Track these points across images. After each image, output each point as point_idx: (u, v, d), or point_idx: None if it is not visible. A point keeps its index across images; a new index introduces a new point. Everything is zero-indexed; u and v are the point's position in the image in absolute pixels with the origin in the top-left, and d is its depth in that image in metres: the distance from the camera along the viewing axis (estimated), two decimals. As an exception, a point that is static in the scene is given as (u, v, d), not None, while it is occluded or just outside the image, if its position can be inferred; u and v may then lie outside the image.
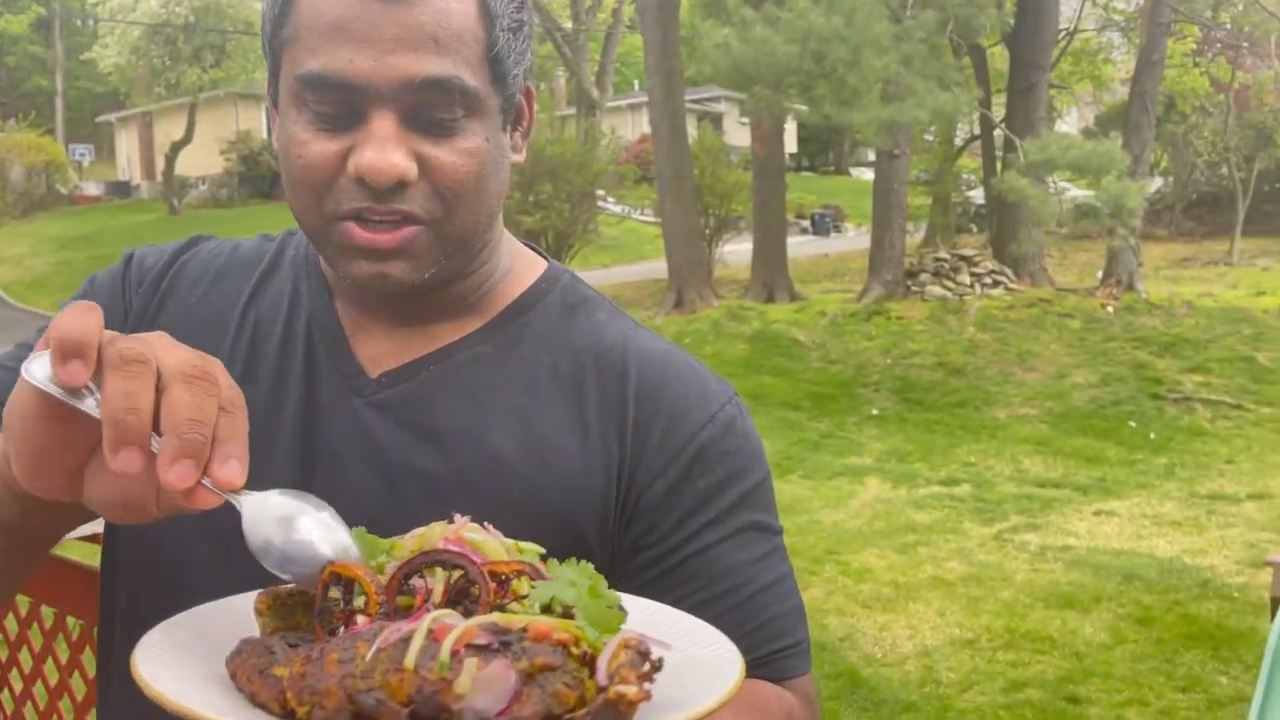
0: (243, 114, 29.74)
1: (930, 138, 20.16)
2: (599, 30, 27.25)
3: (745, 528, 0.82)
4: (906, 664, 5.10)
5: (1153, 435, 10.45)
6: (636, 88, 36.42)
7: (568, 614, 0.54)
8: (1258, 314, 12.99)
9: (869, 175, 22.74)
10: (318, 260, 0.88)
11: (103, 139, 36.17)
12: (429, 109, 0.74)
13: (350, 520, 0.72)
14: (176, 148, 26.85)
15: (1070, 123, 29.11)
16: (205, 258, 0.91)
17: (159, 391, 0.54)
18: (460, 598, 0.55)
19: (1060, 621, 5.65)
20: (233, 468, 0.54)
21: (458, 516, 0.62)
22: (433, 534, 0.59)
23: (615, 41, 27.57)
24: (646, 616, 0.62)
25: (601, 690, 0.50)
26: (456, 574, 0.55)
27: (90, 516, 0.65)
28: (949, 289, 14.13)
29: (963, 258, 14.60)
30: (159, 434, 0.53)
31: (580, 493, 0.80)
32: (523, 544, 0.62)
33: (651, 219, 24.65)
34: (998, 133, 15.09)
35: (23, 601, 2.13)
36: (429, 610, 0.53)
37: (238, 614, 0.62)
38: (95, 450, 0.56)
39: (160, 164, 28.86)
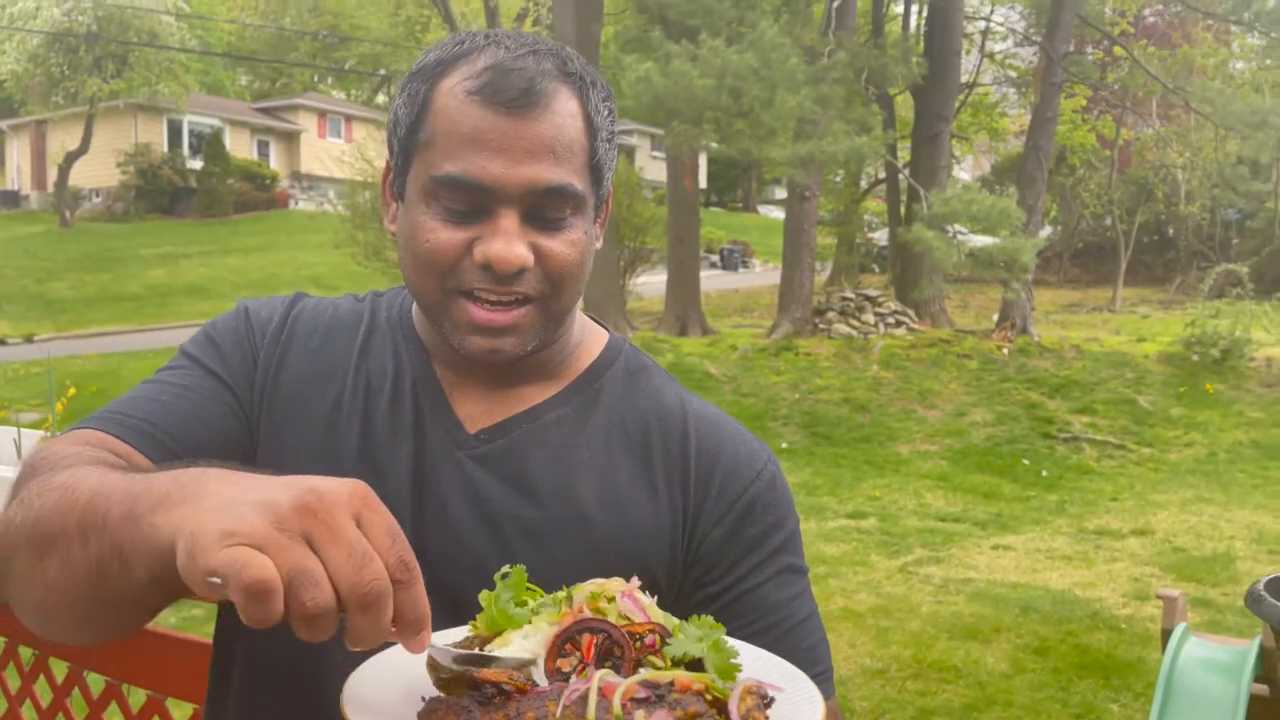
0: (143, 126, 28.86)
1: (838, 180, 20.82)
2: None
3: (784, 570, 0.94)
4: (820, 693, 5.26)
5: (1044, 473, 10.96)
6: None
7: (696, 665, 0.64)
8: (1139, 359, 13.76)
9: (776, 213, 23.36)
10: (412, 324, 0.97)
11: (-10, 146, 34.63)
12: (545, 209, 0.85)
13: (456, 559, 0.80)
14: (71, 158, 25.90)
15: (966, 170, 30.39)
16: (312, 314, 0.99)
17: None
18: (606, 656, 0.64)
19: (964, 652, 5.88)
20: (424, 639, 0.62)
21: (635, 581, 0.71)
22: (611, 586, 0.69)
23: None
24: (750, 661, 0.72)
25: None
26: (601, 636, 0.65)
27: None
28: (854, 327, 14.59)
29: (867, 298, 15.09)
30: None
31: (651, 539, 0.91)
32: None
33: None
34: (901, 177, 15.72)
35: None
36: (590, 669, 0.62)
37: (406, 669, 0.69)
38: None
39: (53, 174, 27.78)
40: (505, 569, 0.70)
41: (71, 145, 26.31)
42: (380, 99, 41.54)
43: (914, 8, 18.50)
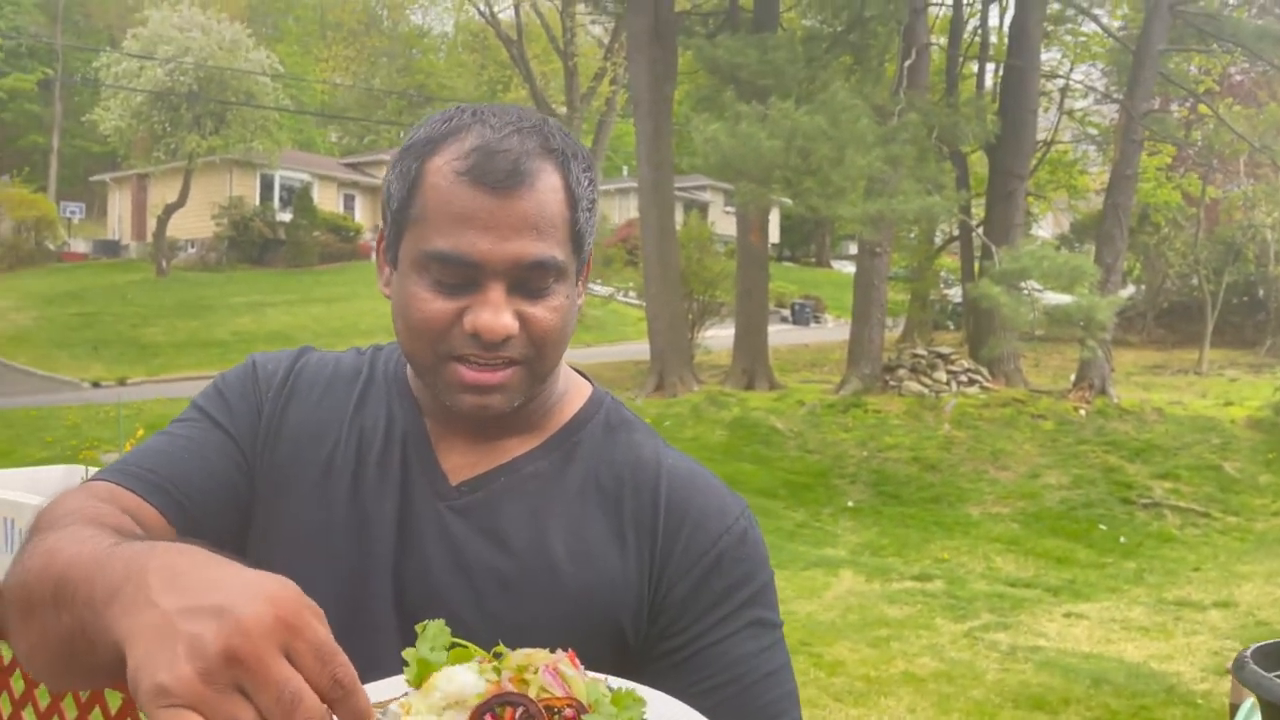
0: (237, 180, 30.12)
1: (912, 236, 20.70)
2: (592, 116, 27.94)
3: (752, 623, 0.95)
4: (876, 759, 5.14)
5: (1123, 539, 10.61)
6: (625, 173, 37.20)
7: None
8: (1226, 424, 13.29)
9: (849, 268, 23.24)
10: (406, 380, 1.04)
11: (94, 198, 36.45)
12: (529, 280, 0.92)
13: (432, 607, 0.86)
14: (170, 210, 27.10)
15: (1046, 227, 29.90)
16: (315, 367, 1.07)
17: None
18: None
19: (1029, 722, 5.70)
20: None
21: (562, 655, 0.75)
22: (537, 658, 0.73)
23: (608, 129, 28.25)
24: None
25: None
26: (520, 710, 0.69)
27: None
28: (926, 385, 14.38)
29: (940, 355, 14.89)
30: None
31: (619, 591, 0.94)
32: (596, 677, 0.75)
33: (635, 301, 25.01)
34: (975, 235, 15.56)
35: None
36: None
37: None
38: None
39: (151, 225, 29.10)
40: (424, 623, 0.74)
41: (170, 198, 27.55)
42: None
43: (989, 66, 18.45)
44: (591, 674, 0.75)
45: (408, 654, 0.72)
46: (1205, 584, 9.18)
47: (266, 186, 30.91)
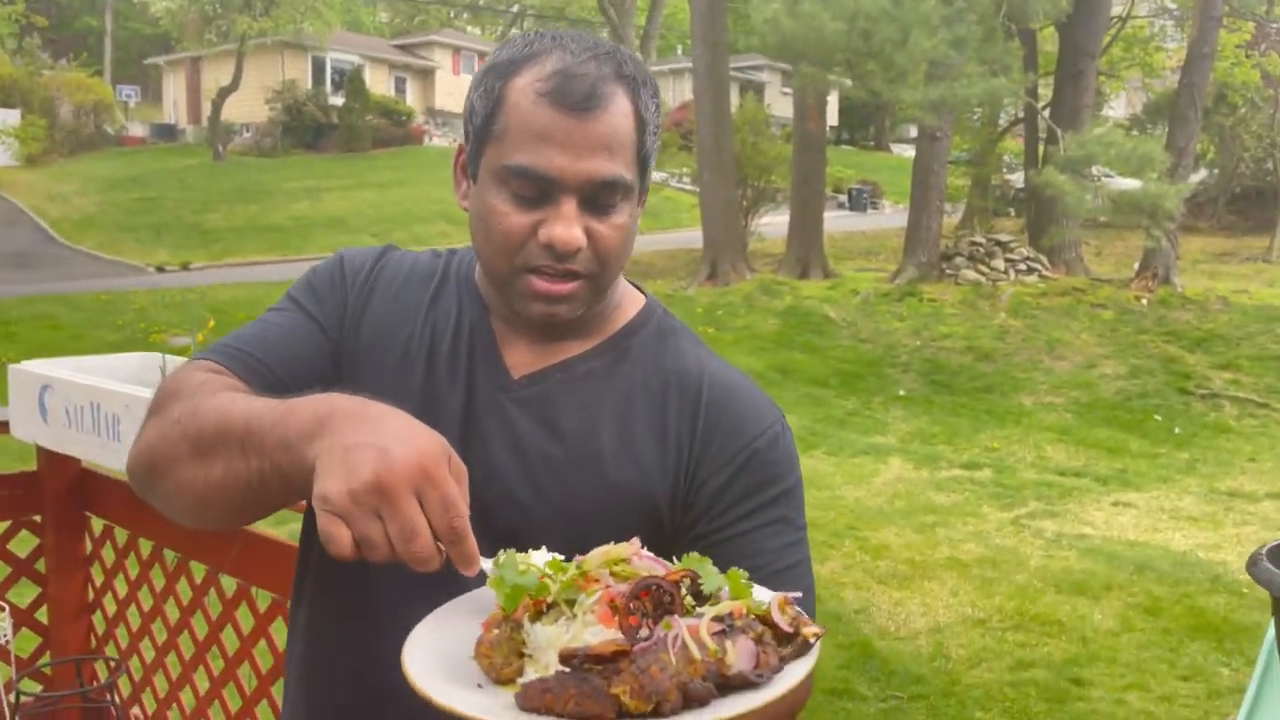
0: (289, 63, 29.97)
1: (974, 118, 20.04)
2: (646, -8, 27.16)
3: (775, 520, 1.04)
4: (918, 639, 5.32)
5: (1177, 430, 10.54)
6: (679, 53, 36.26)
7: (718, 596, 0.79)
8: (1292, 314, 12.98)
9: (909, 152, 22.66)
10: (475, 282, 1.14)
11: (149, 81, 36.56)
12: (599, 197, 0.99)
13: (491, 485, 0.96)
14: (224, 94, 27.15)
15: (1118, 108, 28.73)
16: (395, 265, 1.17)
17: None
18: (658, 605, 0.77)
19: (1070, 607, 5.83)
20: (473, 570, 0.81)
21: (636, 541, 0.85)
22: (618, 551, 0.82)
23: (661, 5, 27.47)
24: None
25: (791, 635, 0.76)
26: (654, 589, 0.78)
27: None
28: (983, 274, 14.18)
29: (998, 243, 14.62)
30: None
31: (658, 481, 1.04)
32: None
33: (689, 187, 24.72)
34: (1040, 117, 15.05)
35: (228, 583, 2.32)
36: (648, 620, 0.76)
37: (476, 607, 0.86)
38: None
39: (206, 109, 29.20)
40: (499, 556, 0.83)
41: (223, 81, 27.57)
42: (514, 34, 41.81)
43: (1065, -65, 17.46)
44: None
45: (494, 584, 0.82)
46: (1260, 475, 9.14)
47: (318, 69, 30.72)
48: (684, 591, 0.78)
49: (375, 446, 0.78)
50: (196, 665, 2.49)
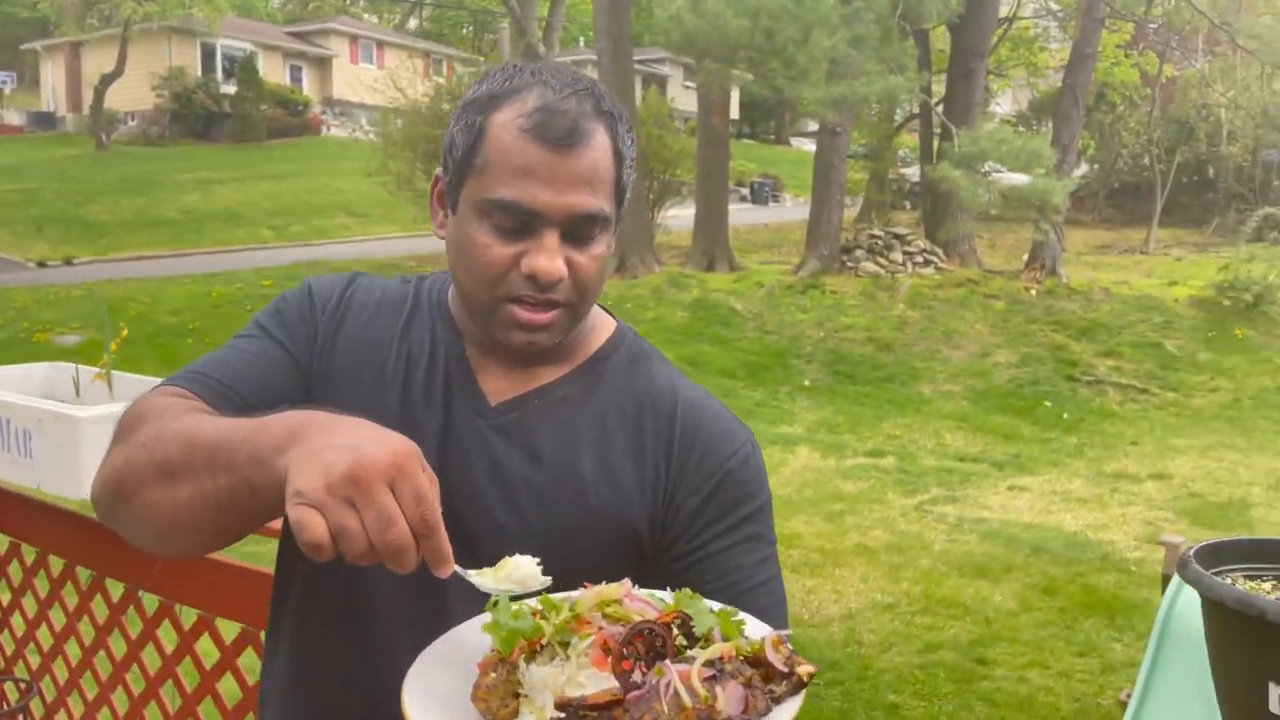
0: (176, 49, 28.86)
1: (872, 113, 20.55)
2: (547, -16, 26.99)
3: (749, 538, 1.08)
4: (831, 625, 5.47)
5: (1065, 415, 11.04)
6: (581, 45, 36.18)
7: (708, 637, 0.81)
8: (1169, 303, 13.69)
9: (809, 145, 23.13)
10: (448, 308, 1.14)
11: (25, 67, 34.77)
12: (580, 229, 1.01)
13: (473, 509, 0.98)
14: (106, 80, 25.99)
15: (1004, 105, 29.81)
16: (365, 292, 1.17)
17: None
18: (649, 649, 0.80)
19: (973, 589, 6.08)
20: (445, 571, 0.83)
21: (627, 582, 0.87)
22: (609, 593, 0.84)
23: (563, -2, 27.34)
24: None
25: (785, 674, 0.78)
26: (646, 633, 0.80)
27: None
28: (882, 266, 14.57)
29: (896, 236, 15.03)
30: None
31: (637, 505, 1.06)
32: (656, 593, 0.88)
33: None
34: (935, 114, 15.53)
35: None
36: (657, 666, 0.78)
37: (467, 645, 0.86)
38: None
39: (88, 96, 27.93)
40: (490, 607, 0.84)
41: (106, 67, 26.38)
42: (412, 24, 41.12)
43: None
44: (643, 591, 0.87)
45: (489, 628, 0.83)
46: (1142, 457, 9.64)
47: (208, 56, 29.66)
48: (675, 633, 0.81)
49: (348, 446, 0.80)
50: (115, 685, 2.42)
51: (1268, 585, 1.05)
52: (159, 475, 0.92)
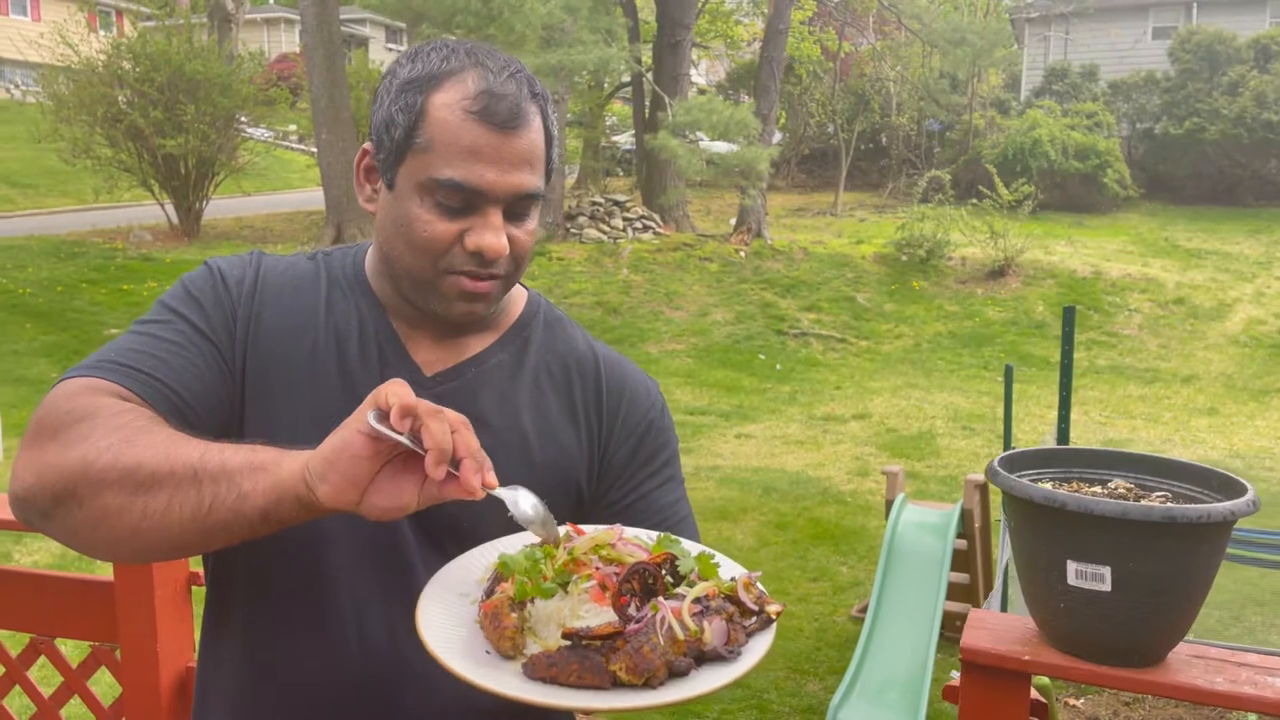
0: None
1: (581, 81, 20.94)
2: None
3: (670, 479, 1.21)
4: (593, 578, 5.71)
5: (778, 366, 11.99)
6: (273, 2, 34.04)
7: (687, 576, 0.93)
8: (858, 260, 15.13)
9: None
10: (367, 281, 1.16)
11: None
12: (519, 207, 1.07)
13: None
14: None
15: (701, 75, 31.34)
16: (277, 273, 1.15)
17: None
18: (645, 582, 0.90)
19: (716, 531, 6.55)
20: (494, 477, 0.89)
21: (618, 527, 0.99)
22: (605, 536, 0.94)
23: (252, -50, 25.54)
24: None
25: (756, 612, 0.90)
26: (642, 572, 0.91)
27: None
28: (604, 232, 15.02)
29: (616, 203, 15.53)
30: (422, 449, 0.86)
31: (575, 458, 1.16)
32: (641, 534, 0.99)
33: (299, 146, 23.44)
34: (646, 81, 16.12)
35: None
36: (652, 602, 0.89)
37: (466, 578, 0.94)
38: (378, 475, 0.88)
39: None
40: (500, 566, 0.95)
41: None
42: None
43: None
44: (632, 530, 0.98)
45: (501, 568, 0.94)
46: (845, 400, 10.69)
47: None
48: (664, 572, 0.92)
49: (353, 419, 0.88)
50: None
51: (1051, 484, 1.32)
52: (127, 480, 0.90)
